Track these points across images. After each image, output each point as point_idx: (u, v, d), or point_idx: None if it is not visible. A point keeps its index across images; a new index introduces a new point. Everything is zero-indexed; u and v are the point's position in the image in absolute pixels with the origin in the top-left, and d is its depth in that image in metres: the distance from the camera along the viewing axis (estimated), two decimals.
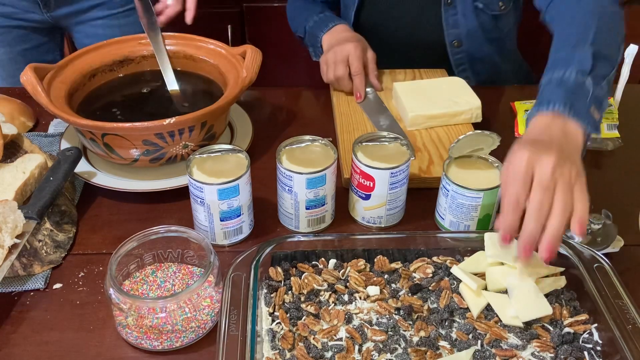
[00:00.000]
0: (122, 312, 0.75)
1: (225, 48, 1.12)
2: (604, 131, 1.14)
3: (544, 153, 0.73)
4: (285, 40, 2.08)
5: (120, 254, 0.80)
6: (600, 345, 0.74)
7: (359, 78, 1.21)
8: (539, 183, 0.72)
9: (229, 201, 0.87)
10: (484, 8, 1.26)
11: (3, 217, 0.82)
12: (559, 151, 0.74)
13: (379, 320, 0.77)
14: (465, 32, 1.27)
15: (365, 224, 0.96)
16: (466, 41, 1.28)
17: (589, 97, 0.81)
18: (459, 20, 1.26)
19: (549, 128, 0.78)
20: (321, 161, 0.90)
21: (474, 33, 1.28)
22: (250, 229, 0.94)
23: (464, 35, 1.28)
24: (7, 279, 0.85)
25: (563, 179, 0.72)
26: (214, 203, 0.87)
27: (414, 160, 1.03)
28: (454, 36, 1.28)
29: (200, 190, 0.86)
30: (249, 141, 1.09)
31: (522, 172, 0.73)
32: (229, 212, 0.88)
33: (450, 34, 1.28)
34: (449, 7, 1.26)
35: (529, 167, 0.73)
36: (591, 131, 0.80)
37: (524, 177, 0.72)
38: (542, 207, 0.71)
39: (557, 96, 0.80)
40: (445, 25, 1.27)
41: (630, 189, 1.05)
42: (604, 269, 0.79)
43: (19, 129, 1.04)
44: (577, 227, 0.72)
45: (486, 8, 1.26)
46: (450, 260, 0.85)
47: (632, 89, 1.24)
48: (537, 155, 0.73)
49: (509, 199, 0.73)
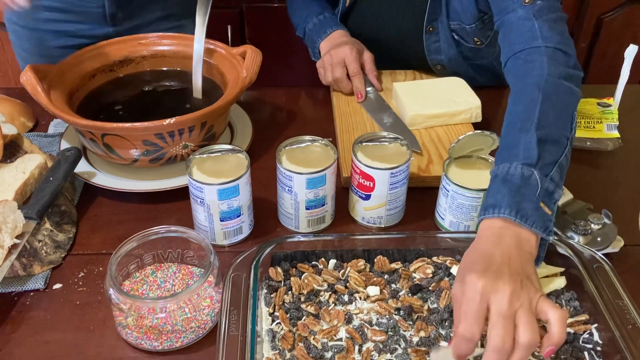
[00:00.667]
0: (122, 312, 0.75)
1: (225, 48, 1.12)
2: (604, 131, 1.14)
3: (499, 280, 0.66)
4: (285, 40, 2.07)
5: (120, 254, 0.80)
6: (600, 346, 0.74)
7: (357, 78, 1.22)
8: (498, 315, 0.65)
9: (229, 201, 0.87)
10: (460, 40, 1.25)
11: (3, 217, 0.82)
12: (514, 274, 0.67)
13: (379, 321, 0.77)
14: (448, 59, 1.27)
15: (365, 224, 0.96)
16: (449, 66, 1.28)
17: (537, 193, 0.75)
18: (442, 46, 1.26)
19: (499, 239, 0.72)
20: (321, 161, 0.90)
21: (455, 60, 1.27)
22: (250, 229, 0.94)
23: (446, 61, 1.28)
24: (7, 279, 0.85)
25: (523, 307, 0.65)
26: (214, 203, 0.87)
27: (414, 160, 1.03)
28: (436, 61, 1.28)
29: (200, 190, 0.86)
30: (249, 141, 1.09)
31: (477, 304, 0.66)
32: (229, 212, 0.88)
33: (433, 59, 1.28)
34: (431, 35, 1.25)
35: (484, 298, 0.66)
36: (542, 235, 0.73)
37: (478, 310, 0.66)
38: (505, 344, 0.64)
39: (503, 198, 0.74)
40: (427, 51, 1.27)
41: (630, 189, 1.05)
42: (604, 269, 0.79)
43: (19, 129, 1.04)
44: (546, 352, 0.66)
45: (462, 40, 1.25)
46: (450, 261, 0.85)
47: (632, 89, 1.25)
48: (491, 285, 0.66)
49: (462, 333, 0.66)
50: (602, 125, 1.15)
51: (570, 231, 0.90)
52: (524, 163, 0.76)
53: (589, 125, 1.16)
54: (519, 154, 0.78)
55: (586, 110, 1.19)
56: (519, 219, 0.72)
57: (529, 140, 0.79)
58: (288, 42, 2.07)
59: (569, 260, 0.81)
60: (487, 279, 0.66)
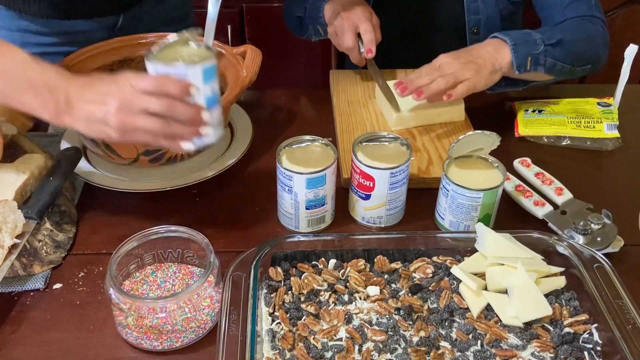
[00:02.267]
0: (122, 312, 0.75)
1: (225, 48, 1.12)
2: (604, 131, 1.14)
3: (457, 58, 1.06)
4: (285, 40, 2.07)
5: (120, 254, 0.80)
6: (600, 345, 0.74)
7: (369, 36, 1.19)
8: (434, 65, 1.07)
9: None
10: None
11: (3, 217, 0.82)
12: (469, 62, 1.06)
13: (379, 321, 0.77)
14: (485, 19, 1.30)
15: (365, 224, 0.96)
16: (484, 29, 1.30)
17: (533, 52, 1.08)
18: (480, 7, 1.29)
19: (485, 44, 1.10)
20: (321, 161, 0.90)
21: (492, 20, 1.30)
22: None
23: (483, 22, 1.30)
24: (7, 279, 0.85)
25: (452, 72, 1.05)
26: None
27: (414, 161, 1.03)
28: (474, 22, 1.31)
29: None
30: (249, 141, 1.09)
31: (432, 65, 1.07)
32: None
33: (471, 19, 1.30)
34: None
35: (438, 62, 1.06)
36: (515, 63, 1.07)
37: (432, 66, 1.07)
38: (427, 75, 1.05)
39: (515, 34, 1.10)
40: (467, 11, 1.29)
41: (630, 189, 1.05)
42: (604, 269, 0.79)
43: (19, 129, 1.04)
44: None
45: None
46: (450, 260, 0.85)
47: (632, 89, 1.25)
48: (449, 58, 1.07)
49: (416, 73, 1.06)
50: (602, 125, 1.15)
51: (571, 231, 0.90)
52: (543, 37, 1.10)
53: (589, 125, 1.16)
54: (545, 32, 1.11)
55: (586, 110, 1.19)
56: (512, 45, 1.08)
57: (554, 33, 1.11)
58: (288, 42, 2.07)
59: (569, 260, 0.81)
60: (451, 55, 1.08)
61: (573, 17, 1.19)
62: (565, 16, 1.19)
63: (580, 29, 1.16)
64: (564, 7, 1.20)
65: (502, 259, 0.81)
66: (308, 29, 1.33)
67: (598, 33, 1.18)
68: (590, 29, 1.17)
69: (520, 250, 0.81)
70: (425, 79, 1.05)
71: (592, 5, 1.20)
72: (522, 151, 1.11)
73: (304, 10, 1.32)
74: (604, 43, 1.19)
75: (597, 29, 1.18)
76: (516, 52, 1.07)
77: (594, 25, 1.18)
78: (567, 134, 1.14)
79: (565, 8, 1.20)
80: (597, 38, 1.17)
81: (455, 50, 1.11)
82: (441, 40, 1.36)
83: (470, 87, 1.05)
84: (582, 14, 1.19)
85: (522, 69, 1.09)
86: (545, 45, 1.09)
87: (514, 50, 1.08)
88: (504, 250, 0.81)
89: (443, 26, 1.35)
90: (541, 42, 1.09)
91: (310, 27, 1.32)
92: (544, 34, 1.11)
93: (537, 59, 1.09)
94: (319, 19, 1.27)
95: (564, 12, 1.20)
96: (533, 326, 0.76)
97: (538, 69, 1.09)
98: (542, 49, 1.09)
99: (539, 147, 1.14)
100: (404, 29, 1.35)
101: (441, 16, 1.34)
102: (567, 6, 1.19)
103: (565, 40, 1.11)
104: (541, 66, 1.10)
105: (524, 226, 0.95)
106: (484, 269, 0.81)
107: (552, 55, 1.10)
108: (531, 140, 1.15)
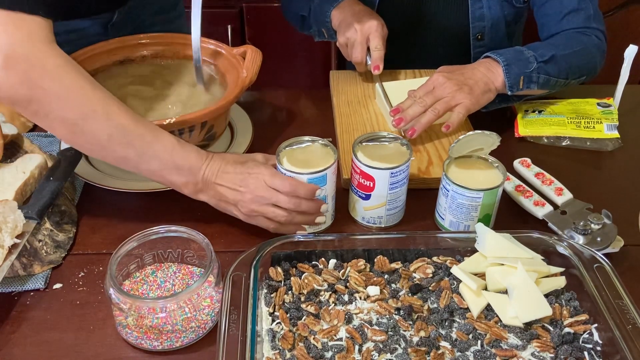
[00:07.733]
0: (122, 312, 0.75)
1: (225, 48, 1.12)
2: (604, 131, 1.14)
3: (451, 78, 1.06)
4: (285, 40, 2.08)
5: (120, 254, 0.80)
6: (600, 345, 0.74)
7: (378, 53, 1.20)
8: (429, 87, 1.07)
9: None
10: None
11: (3, 217, 0.82)
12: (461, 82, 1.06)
13: (379, 321, 0.77)
14: (490, 25, 1.30)
15: (365, 224, 0.96)
16: (488, 34, 1.30)
17: (525, 71, 1.09)
18: (485, 12, 1.29)
19: (478, 65, 1.11)
20: (321, 161, 0.90)
21: (497, 25, 1.30)
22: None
23: (488, 28, 1.30)
24: (7, 279, 0.85)
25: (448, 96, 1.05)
26: None
27: (414, 161, 1.03)
28: (479, 29, 1.30)
29: None
30: (249, 141, 1.09)
31: (428, 86, 1.07)
32: None
33: (476, 26, 1.30)
34: (476, 0, 1.28)
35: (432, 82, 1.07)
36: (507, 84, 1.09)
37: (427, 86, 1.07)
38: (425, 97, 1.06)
39: (508, 53, 1.11)
40: (472, 17, 1.29)
41: (630, 189, 1.05)
42: (604, 269, 0.79)
43: (19, 129, 1.04)
44: None
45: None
46: (450, 260, 0.85)
47: (632, 89, 1.25)
48: (443, 76, 1.07)
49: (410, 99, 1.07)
50: (602, 125, 1.15)
51: (571, 231, 0.90)
52: (536, 54, 1.11)
53: (589, 125, 1.16)
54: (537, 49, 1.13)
55: (586, 110, 1.20)
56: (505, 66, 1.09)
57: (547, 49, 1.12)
58: (288, 42, 2.08)
59: (569, 260, 0.81)
60: (445, 75, 1.08)
61: (568, 29, 1.19)
62: (562, 27, 1.19)
63: (575, 41, 1.16)
64: (560, 18, 1.19)
65: (502, 259, 0.81)
66: (311, 28, 1.33)
67: (593, 44, 1.17)
68: (585, 41, 1.17)
69: (520, 251, 0.81)
70: (418, 108, 1.05)
71: (590, 16, 1.19)
72: (522, 151, 1.11)
73: (309, 10, 1.32)
74: (601, 53, 1.19)
75: (591, 39, 1.17)
76: (508, 72, 1.08)
77: (589, 37, 1.18)
78: (567, 134, 1.15)
79: (562, 19, 1.19)
80: (592, 49, 1.17)
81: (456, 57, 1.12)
82: (444, 49, 1.36)
83: (465, 112, 1.06)
84: (578, 26, 1.19)
85: (514, 89, 1.09)
86: (538, 62, 1.10)
87: (506, 71, 1.08)
88: (504, 250, 0.81)
89: (447, 33, 1.35)
90: (534, 60, 1.10)
91: (315, 28, 1.32)
92: (537, 50, 1.11)
93: (529, 78, 1.09)
94: (325, 23, 1.28)
95: (560, 23, 1.20)
96: (533, 326, 0.76)
97: (531, 86, 1.10)
98: (535, 67, 1.09)
99: (539, 147, 1.14)
100: (407, 37, 1.34)
101: (445, 23, 1.34)
102: (564, 17, 1.19)
103: (559, 55, 1.12)
104: (534, 84, 1.10)
105: (524, 226, 0.95)
106: (484, 269, 0.81)
107: (544, 71, 1.10)
108: (531, 141, 1.15)
